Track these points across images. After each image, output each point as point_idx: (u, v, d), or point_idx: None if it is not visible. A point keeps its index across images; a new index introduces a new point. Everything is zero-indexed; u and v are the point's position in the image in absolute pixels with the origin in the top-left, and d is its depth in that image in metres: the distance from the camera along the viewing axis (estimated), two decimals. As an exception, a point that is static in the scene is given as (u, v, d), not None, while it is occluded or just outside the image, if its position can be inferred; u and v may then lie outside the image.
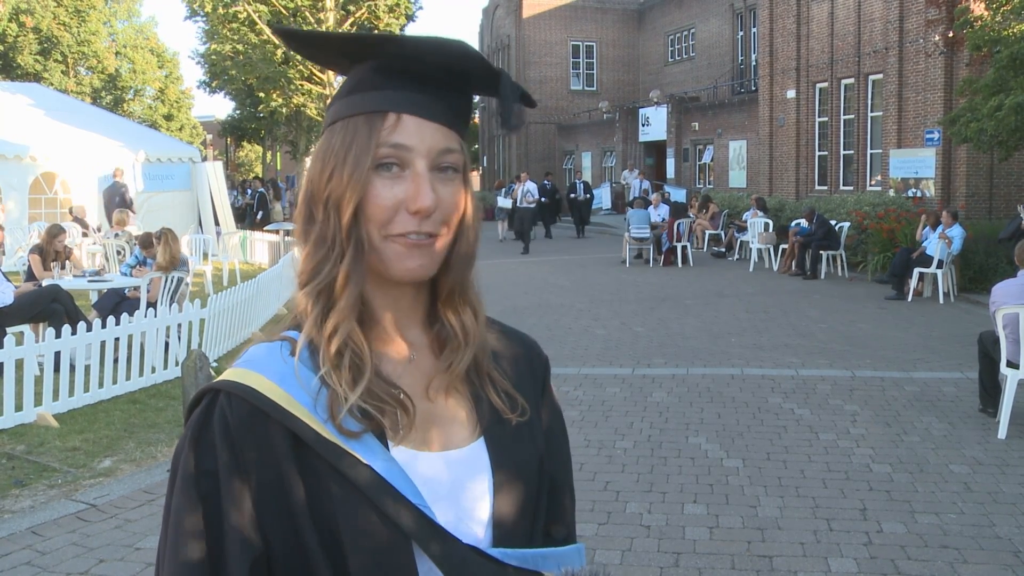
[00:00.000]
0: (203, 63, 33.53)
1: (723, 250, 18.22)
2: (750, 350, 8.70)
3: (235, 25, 27.86)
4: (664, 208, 18.03)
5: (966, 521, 4.43)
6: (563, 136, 35.55)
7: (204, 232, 16.21)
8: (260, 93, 30.17)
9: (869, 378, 7.48)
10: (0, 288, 7.31)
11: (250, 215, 23.99)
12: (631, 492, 4.87)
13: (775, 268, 15.66)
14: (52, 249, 9.50)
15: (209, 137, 41.72)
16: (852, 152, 19.28)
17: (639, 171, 28.00)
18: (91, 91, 41.81)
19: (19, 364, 6.06)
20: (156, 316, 7.25)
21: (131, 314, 7.06)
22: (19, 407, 5.99)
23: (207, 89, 35.99)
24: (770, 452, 5.56)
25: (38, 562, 3.98)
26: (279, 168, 45.16)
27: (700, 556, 4.05)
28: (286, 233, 15.37)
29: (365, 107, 0.98)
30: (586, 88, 36.09)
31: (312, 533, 0.92)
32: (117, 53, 43.74)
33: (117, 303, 8.51)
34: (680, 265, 16.42)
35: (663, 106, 28.06)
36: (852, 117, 19.24)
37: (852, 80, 19.03)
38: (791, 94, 20.74)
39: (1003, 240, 12.06)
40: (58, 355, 6.33)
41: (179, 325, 7.62)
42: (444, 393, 1.04)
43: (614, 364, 8.20)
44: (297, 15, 27.31)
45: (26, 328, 7.28)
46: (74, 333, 6.37)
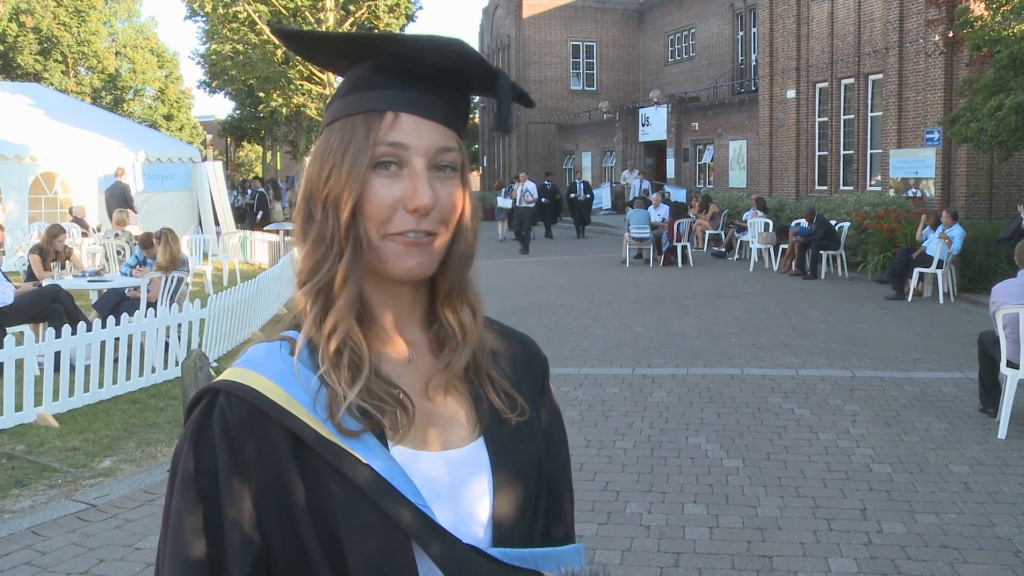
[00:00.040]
0: (203, 63, 33.55)
1: (723, 250, 18.22)
2: (750, 350, 8.70)
3: (235, 25, 27.89)
4: (664, 208, 18.03)
5: (966, 521, 4.43)
6: (563, 136, 35.56)
7: (204, 232, 16.21)
8: (260, 93, 30.20)
9: (869, 378, 7.48)
10: (0, 288, 7.31)
11: (250, 215, 23.98)
12: (631, 492, 4.87)
13: (775, 268, 15.66)
14: (52, 249, 9.50)
15: (209, 137, 41.71)
16: (852, 152, 19.28)
17: (639, 171, 28.00)
18: (91, 91, 41.82)
19: (19, 364, 6.06)
20: (156, 316, 7.25)
21: (131, 314, 7.06)
22: (19, 407, 5.99)
23: (207, 89, 36.01)
24: (770, 452, 5.56)
25: (38, 562, 3.98)
26: (279, 168, 45.18)
27: (700, 556, 4.05)
28: (286, 233, 15.38)
29: (363, 106, 0.98)
30: (586, 88, 36.09)
31: (312, 533, 0.92)
32: (117, 53, 43.75)
33: (117, 303, 8.51)
34: (680, 265, 16.42)
35: (663, 106, 28.06)
36: (852, 117, 19.24)
37: (852, 80, 19.03)
38: (791, 94, 20.74)
39: (1003, 240, 12.06)
40: (58, 355, 6.33)
41: (179, 325, 7.62)
42: (443, 392, 1.04)
43: (614, 364, 8.20)
44: (297, 15, 27.33)
45: (26, 328, 7.28)
46: (74, 333, 6.37)
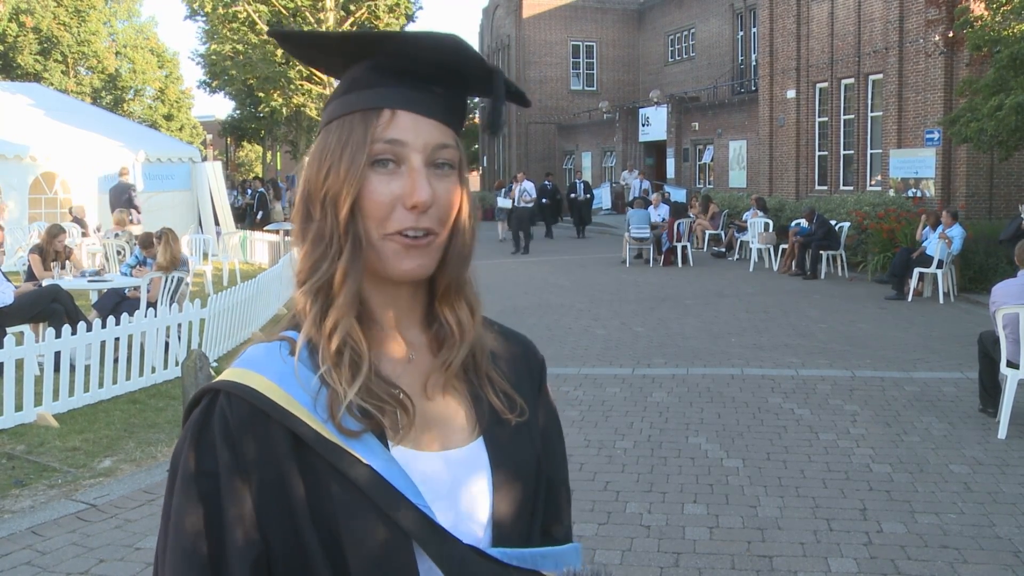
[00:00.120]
0: (203, 63, 33.56)
1: (723, 250, 18.22)
2: (750, 350, 8.70)
3: (235, 25, 27.89)
4: (664, 208, 18.04)
5: (966, 521, 4.43)
6: (563, 136, 35.56)
7: (204, 232, 16.21)
8: (260, 93, 30.22)
9: (869, 378, 7.48)
10: (0, 288, 7.31)
11: (250, 215, 23.98)
12: (631, 492, 4.87)
13: (775, 268, 15.66)
14: (52, 249, 9.50)
15: (209, 137, 41.70)
16: (852, 152, 19.28)
17: (639, 171, 28.00)
18: (91, 91, 41.82)
19: (19, 364, 6.06)
20: (156, 316, 7.26)
21: (131, 314, 7.06)
22: (19, 407, 5.98)
23: (207, 89, 36.03)
24: (770, 452, 5.56)
25: (38, 562, 3.98)
26: (279, 168, 45.18)
27: (700, 556, 4.05)
28: (286, 233, 15.37)
29: (360, 104, 0.98)
30: (586, 88, 36.09)
31: (312, 533, 0.92)
32: (117, 53, 43.75)
33: (117, 303, 8.51)
34: (680, 265, 16.42)
35: (663, 106, 28.06)
36: (852, 117, 19.24)
37: (852, 80, 19.03)
38: (791, 94, 20.74)
39: (1004, 241, 12.05)
40: (58, 355, 6.33)
41: (179, 325, 7.62)
42: (443, 392, 1.04)
43: (614, 364, 8.20)
44: (297, 15, 27.33)
45: (26, 328, 7.28)
46: (74, 333, 6.37)
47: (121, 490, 4.87)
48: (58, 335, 6.32)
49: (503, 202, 21.44)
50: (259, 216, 23.37)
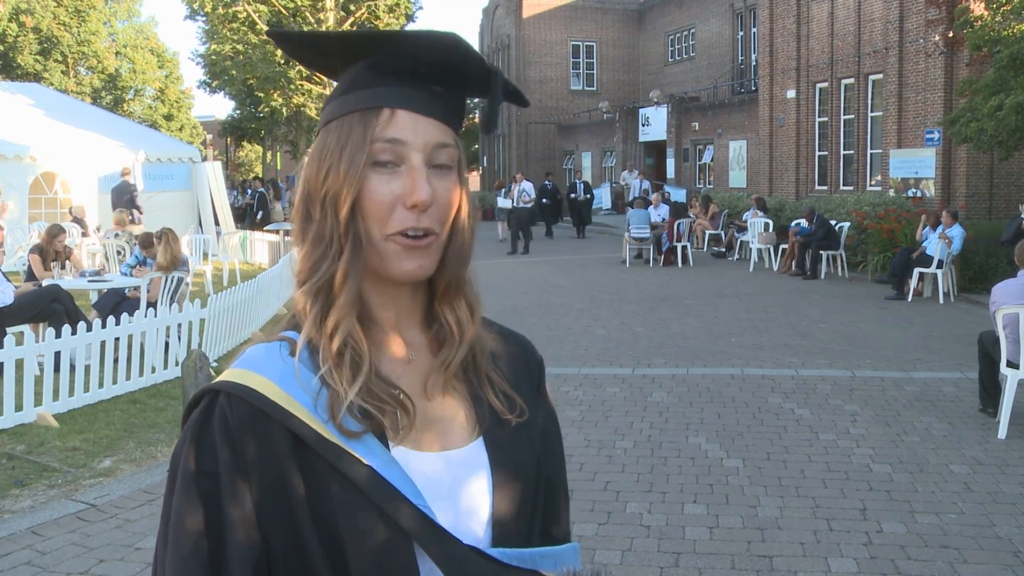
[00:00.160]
0: (203, 63, 33.56)
1: (723, 250, 18.22)
2: (750, 350, 8.70)
3: (235, 25, 27.89)
4: (664, 208, 18.04)
5: (966, 521, 4.43)
6: (563, 136, 35.56)
7: (204, 232, 16.21)
8: (260, 93, 30.21)
9: (869, 378, 7.48)
10: (0, 288, 7.31)
11: (250, 215, 23.98)
12: (631, 492, 4.87)
13: (775, 268, 15.66)
14: (52, 249, 9.50)
15: (209, 137, 41.69)
16: (852, 152, 19.28)
17: (639, 171, 28.00)
18: (91, 91, 41.83)
19: (19, 364, 6.06)
20: (156, 316, 7.26)
21: (131, 314, 7.06)
22: (19, 407, 5.98)
23: (207, 89, 36.04)
24: (770, 452, 5.56)
25: (38, 562, 3.98)
26: (279, 168, 45.18)
27: (700, 556, 4.05)
28: (286, 233, 15.37)
29: (359, 104, 0.98)
30: (586, 88, 36.09)
31: (313, 533, 0.92)
32: (117, 53, 43.76)
33: (117, 303, 8.51)
34: (680, 265, 16.42)
35: (663, 106, 28.06)
36: (852, 117, 19.24)
37: (852, 80, 19.03)
38: (791, 94, 20.74)
39: (1005, 242, 12.03)
40: (58, 355, 6.33)
41: (179, 325, 7.62)
42: (442, 393, 1.04)
43: (614, 364, 8.20)
44: (297, 15, 27.33)
45: (26, 328, 7.28)
46: (74, 333, 6.37)
47: (121, 490, 4.87)
48: (58, 335, 6.32)
49: (503, 202, 21.44)
50: (259, 216, 23.37)
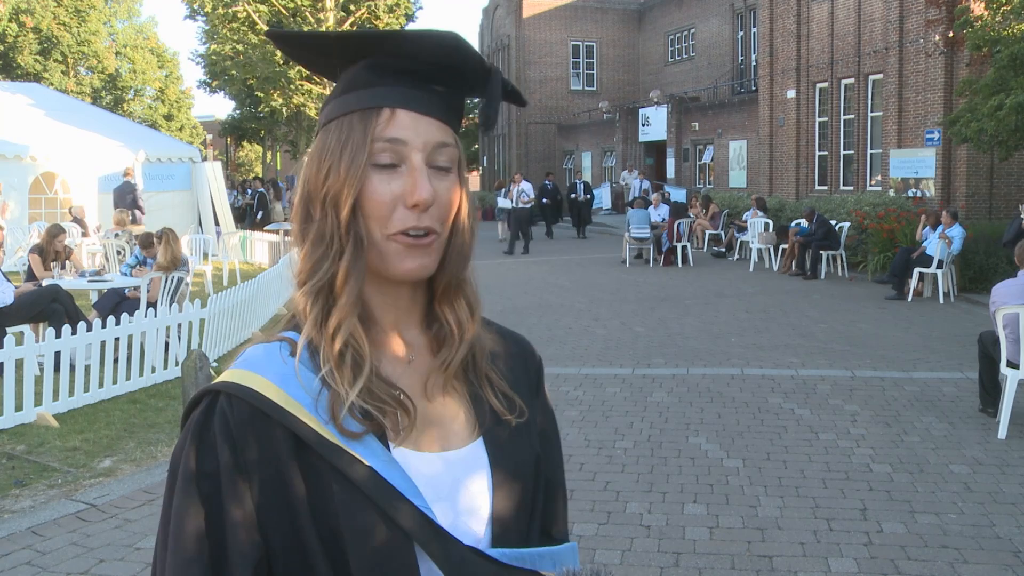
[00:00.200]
0: (203, 63, 33.56)
1: (723, 250, 18.22)
2: (750, 350, 8.70)
3: (235, 25, 27.88)
4: (664, 208, 18.04)
5: (966, 521, 4.43)
6: (563, 136, 35.55)
7: (204, 232, 16.21)
8: (260, 93, 30.20)
9: (869, 378, 7.48)
10: (0, 288, 7.31)
11: (250, 215, 23.98)
12: (631, 492, 4.87)
13: (775, 268, 15.66)
14: (52, 249, 9.50)
15: (209, 137, 41.70)
16: (852, 152, 19.28)
17: (639, 171, 27.99)
18: (91, 91, 41.82)
19: (19, 364, 6.06)
20: (156, 316, 7.25)
21: (131, 314, 7.06)
22: (19, 407, 5.99)
23: (207, 89, 36.04)
24: (770, 452, 5.56)
25: (38, 562, 3.98)
26: (279, 168, 45.18)
27: (700, 556, 4.05)
28: (286, 233, 15.37)
29: (359, 104, 0.98)
30: (586, 88, 36.08)
31: (313, 534, 0.92)
32: (117, 53, 43.76)
33: (117, 303, 8.51)
34: (680, 265, 16.42)
35: (663, 106, 28.05)
36: (852, 117, 19.24)
37: (852, 80, 19.03)
38: (791, 94, 20.74)
39: (1007, 244, 12.02)
40: (58, 355, 6.33)
41: (179, 325, 7.62)
42: (442, 393, 1.04)
43: (614, 364, 8.20)
44: (297, 15, 27.32)
45: (26, 328, 7.27)
46: (74, 333, 6.37)
47: (121, 490, 4.87)
48: (58, 335, 6.32)
49: (503, 202, 21.44)
50: (259, 216, 23.38)
